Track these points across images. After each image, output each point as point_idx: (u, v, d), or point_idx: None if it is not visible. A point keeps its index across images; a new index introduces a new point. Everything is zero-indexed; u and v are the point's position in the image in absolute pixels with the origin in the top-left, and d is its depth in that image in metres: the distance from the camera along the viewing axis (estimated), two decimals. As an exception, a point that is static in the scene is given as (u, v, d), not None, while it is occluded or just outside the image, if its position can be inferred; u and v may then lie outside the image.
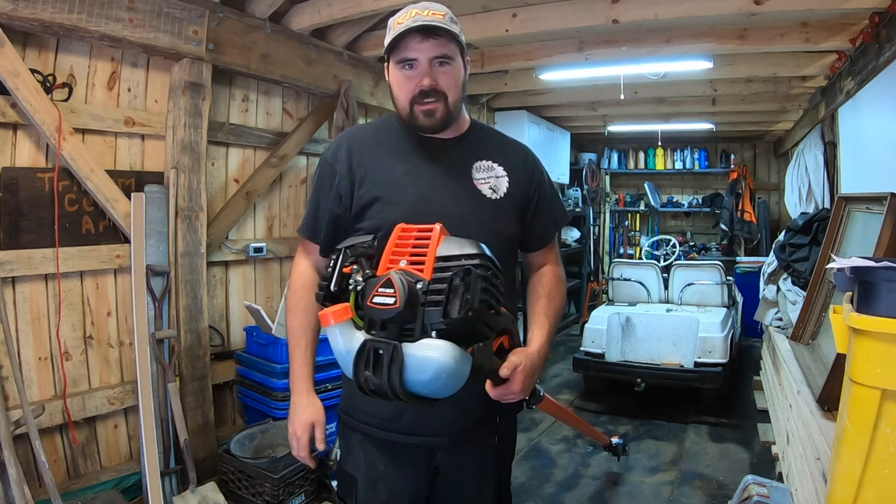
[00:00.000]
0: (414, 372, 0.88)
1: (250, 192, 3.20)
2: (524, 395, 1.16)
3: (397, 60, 1.22)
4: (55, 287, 2.40)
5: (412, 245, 0.98)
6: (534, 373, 1.15)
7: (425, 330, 0.89)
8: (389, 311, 0.88)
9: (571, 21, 3.07)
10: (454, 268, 0.91)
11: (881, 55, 2.61)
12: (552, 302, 1.33)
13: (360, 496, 1.30)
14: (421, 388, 0.90)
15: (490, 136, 1.41)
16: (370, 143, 1.32)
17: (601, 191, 7.84)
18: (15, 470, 2.01)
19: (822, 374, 2.08)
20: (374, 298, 0.90)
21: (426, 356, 0.88)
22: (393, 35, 1.19)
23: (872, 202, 2.37)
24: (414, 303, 0.89)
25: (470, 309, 0.87)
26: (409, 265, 0.95)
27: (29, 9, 2.13)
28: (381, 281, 0.91)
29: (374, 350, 0.90)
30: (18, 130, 2.31)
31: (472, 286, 0.88)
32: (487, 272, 0.92)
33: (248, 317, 3.17)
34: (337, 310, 0.95)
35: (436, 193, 1.26)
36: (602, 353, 4.18)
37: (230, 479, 2.60)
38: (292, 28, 3.19)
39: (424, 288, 0.90)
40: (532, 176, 1.38)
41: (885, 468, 1.00)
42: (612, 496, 2.99)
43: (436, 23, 1.17)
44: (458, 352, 0.90)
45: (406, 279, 0.90)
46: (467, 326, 0.89)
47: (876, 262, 1.01)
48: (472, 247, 0.94)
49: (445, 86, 1.22)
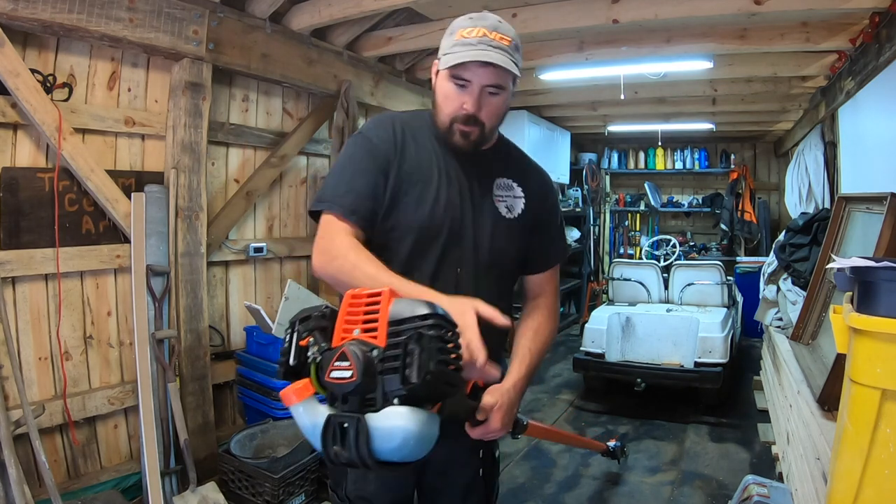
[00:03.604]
0: (381, 441, 0.88)
1: (250, 192, 3.20)
2: (505, 432, 1.18)
3: (451, 73, 1.22)
4: (55, 287, 2.40)
5: (363, 312, 0.96)
6: (511, 408, 1.16)
7: (387, 398, 0.89)
8: (348, 384, 0.88)
9: (571, 21, 3.07)
10: (407, 331, 0.90)
11: (881, 55, 2.61)
12: (538, 337, 1.33)
13: (350, 486, 1.33)
14: (391, 456, 0.90)
15: (515, 154, 1.44)
16: (412, 131, 1.32)
17: (601, 191, 7.83)
18: (15, 470, 2.01)
19: (822, 374, 2.08)
20: (331, 373, 0.90)
21: (391, 425, 0.88)
22: (456, 59, 1.18)
23: (872, 202, 2.37)
24: (371, 372, 0.89)
25: (427, 373, 0.87)
26: (363, 333, 0.94)
27: (29, 9, 2.13)
28: (336, 354, 0.91)
29: (338, 424, 0.90)
30: (18, 130, 2.31)
31: (427, 349, 0.88)
32: (441, 331, 0.92)
33: (248, 317, 3.17)
34: (298, 387, 0.94)
35: (462, 201, 1.29)
36: (602, 353, 4.18)
37: (230, 479, 2.60)
38: (292, 28, 3.19)
39: (380, 356, 0.90)
40: (546, 201, 1.42)
41: (886, 468, 1.01)
42: (612, 496, 2.99)
43: (499, 59, 1.17)
44: (423, 415, 0.90)
45: (361, 349, 0.89)
46: (428, 390, 0.89)
47: (876, 262, 1.01)
48: (423, 307, 0.93)
49: (487, 116, 1.24)
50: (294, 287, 2.99)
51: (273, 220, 3.47)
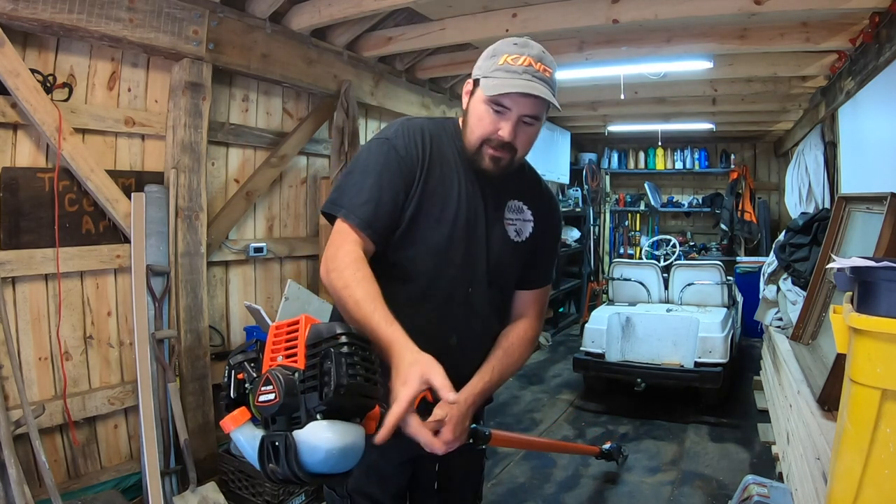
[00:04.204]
0: (308, 455, 0.93)
1: (250, 192, 3.20)
2: (460, 443, 1.19)
3: (490, 98, 1.21)
4: (55, 287, 2.40)
5: (285, 340, 1.03)
6: (462, 420, 1.17)
7: (310, 414, 0.94)
8: (272, 406, 0.94)
9: (571, 21, 3.07)
10: (322, 351, 0.96)
11: (881, 55, 2.61)
12: (507, 358, 1.33)
13: (351, 484, 1.35)
14: (321, 468, 0.94)
15: (528, 176, 1.45)
16: (437, 146, 1.31)
17: (601, 191, 7.84)
18: (15, 470, 2.01)
19: (822, 374, 2.08)
20: (259, 398, 0.97)
21: (314, 439, 0.93)
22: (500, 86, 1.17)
23: (872, 202, 2.37)
24: (293, 392, 0.94)
25: (340, 386, 0.92)
26: (286, 359, 1.01)
27: (29, 9, 2.12)
28: (261, 381, 0.98)
29: (271, 444, 0.95)
30: (18, 130, 2.31)
31: (338, 365, 0.94)
32: (353, 348, 0.97)
33: (248, 317, 3.17)
34: (234, 415, 1.01)
35: (477, 222, 1.31)
36: (602, 353, 4.18)
37: (230, 479, 2.60)
38: (292, 28, 3.19)
39: (301, 377, 0.96)
40: (550, 224, 1.44)
41: (886, 468, 1.01)
42: (612, 496, 2.99)
43: (544, 92, 1.18)
44: (344, 427, 0.95)
45: (283, 373, 0.96)
46: (345, 402, 0.94)
47: (876, 262, 1.01)
48: (337, 327, 0.99)
49: (521, 144, 1.26)
50: (294, 287, 3.00)
51: (273, 220, 3.47)
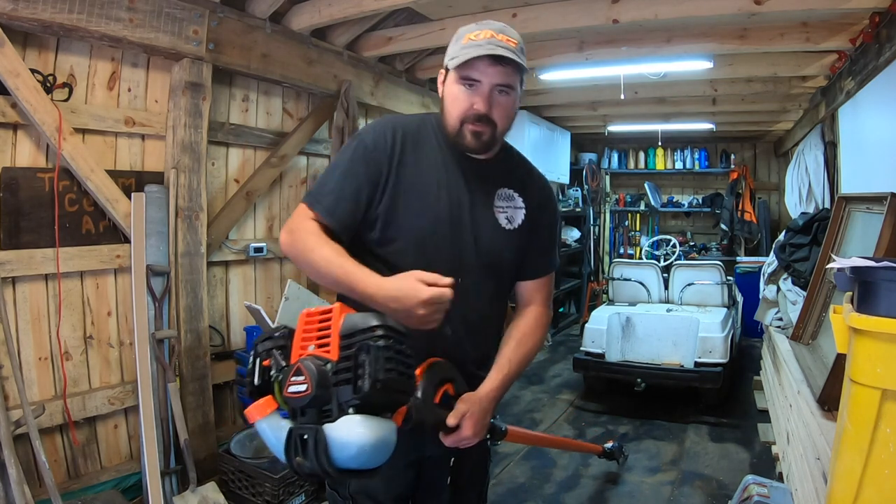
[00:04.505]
0: (339, 450, 0.91)
1: (250, 192, 3.20)
2: (478, 439, 1.19)
3: (461, 76, 1.22)
4: (55, 287, 2.40)
5: (317, 329, 1.01)
6: (483, 416, 1.18)
7: (342, 408, 0.92)
8: (303, 398, 0.92)
9: (571, 21, 3.07)
10: (357, 343, 0.94)
11: (881, 55, 2.61)
12: (521, 347, 1.33)
13: (353, 484, 1.34)
14: (350, 464, 0.93)
15: (518, 163, 1.43)
16: (412, 140, 1.31)
17: (601, 191, 7.83)
18: (15, 470, 2.01)
19: (822, 374, 2.08)
20: (288, 388, 0.94)
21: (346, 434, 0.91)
22: (464, 52, 1.19)
23: (872, 202, 2.37)
24: (325, 385, 0.92)
25: (376, 381, 0.90)
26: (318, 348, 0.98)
27: (29, 9, 2.13)
28: (292, 370, 0.95)
29: (299, 437, 0.94)
30: (19, 130, 2.31)
31: (375, 359, 0.91)
32: (390, 341, 0.94)
33: (248, 317, 3.17)
34: (260, 404, 0.99)
35: (460, 213, 1.29)
36: (602, 353, 4.18)
37: (230, 479, 2.60)
38: (292, 28, 3.19)
39: (333, 368, 0.93)
40: (545, 210, 1.41)
41: (886, 468, 1.01)
42: (612, 496, 2.99)
43: (509, 54, 1.18)
44: (377, 423, 0.93)
45: (315, 364, 0.93)
46: (379, 397, 0.92)
47: (876, 262, 1.01)
48: (372, 318, 0.96)
49: (498, 116, 1.24)
50: (294, 287, 2.99)
51: (273, 220, 3.47)
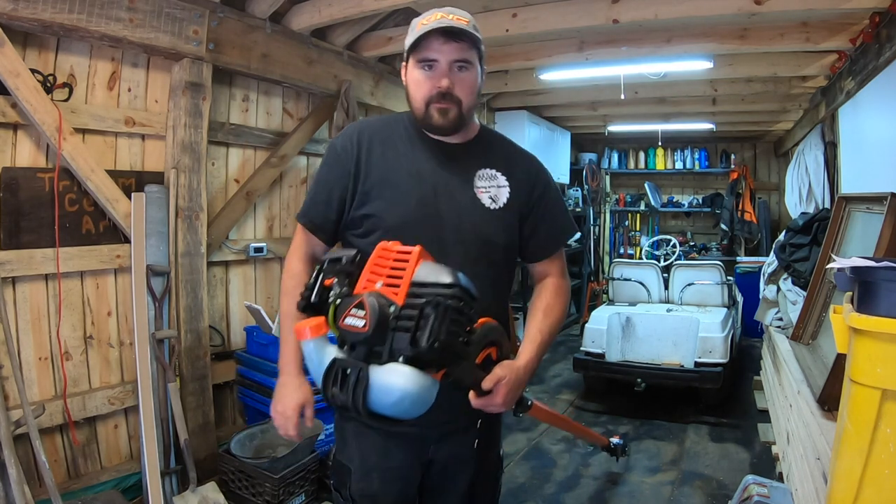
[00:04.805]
0: (378, 394, 0.90)
1: (250, 192, 3.20)
2: (507, 408, 1.18)
3: (418, 59, 1.24)
4: (55, 287, 2.40)
5: (390, 266, 0.98)
6: (518, 386, 1.17)
7: (393, 354, 0.91)
8: (358, 333, 0.90)
9: (571, 21, 3.07)
10: (428, 295, 0.92)
11: (881, 55, 2.61)
12: (548, 318, 1.34)
13: (354, 486, 1.34)
14: (384, 410, 0.92)
15: (497, 143, 1.42)
16: (379, 138, 1.33)
17: (601, 191, 7.83)
18: (15, 470, 2.01)
19: (822, 374, 2.08)
20: (345, 319, 0.92)
21: (391, 381, 0.89)
22: (416, 34, 1.21)
23: (872, 202, 2.37)
24: (383, 327, 0.90)
25: (436, 340, 0.88)
26: (385, 287, 0.96)
27: (29, 9, 2.13)
28: (354, 302, 0.93)
29: (342, 369, 0.92)
30: (19, 130, 2.31)
31: (442, 317, 0.89)
32: (460, 303, 0.93)
33: (248, 317, 3.17)
34: (313, 325, 0.97)
35: (437, 199, 1.27)
36: (602, 353, 4.18)
37: (230, 479, 2.60)
38: (292, 28, 3.19)
39: (396, 313, 0.92)
40: (535, 186, 1.38)
41: (886, 468, 1.01)
42: (612, 496, 2.99)
43: (460, 26, 1.20)
44: (424, 379, 0.91)
45: (379, 302, 0.91)
46: (433, 356, 0.90)
47: (876, 262, 1.01)
48: (448, 275, 0.95)
49: (461, 91, 1.25)
50: (294, 287, 2.99)
51: (273, 220, 3.47)
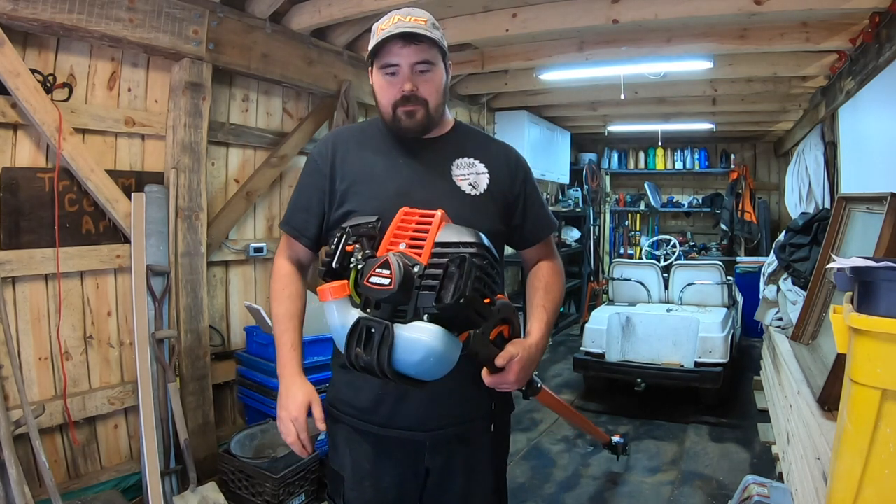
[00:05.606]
0: (403, 352, 0.90)
1: (250, 192, 3.20)
2: (518, 386, 1.17)
3: (380, 66, 1.24)
4: (55, 287, 2.40)
5: (413, 229, 1.00)
6: (530, 364, 1.16)
7: (417, 313, 0.92)
8: (384, 291, 0.91)
9: (571, 21, 3.07)
10: (451, 254, 0.93)
11: (881, 55, 2.61)
12: (549, 294, 1.34)
13: (347, 494, 1.31)
14: (408, 369, 0.92)
15: (473, 135, 1.43)
16: (354, 141, 1.35)
17: (601, 191, 7.84)
18: (15, 470, 2.01)
19: (822, 374, 2.08)
20: (370, 278, 0.93)
21: (416, 338, 0.90)
22: (375, 41, 1.21)
23: (872, 202, 2.37)
24: (409, 286, 0.91)
25: (461, 296, 0.88)
26: (408, 248, 0.97)
27: (29, 9, 2.13)
28: (378, 262, 0.94)
29: (366, 328, 0.92)
30: (19, 130, 2.31)
31: (466, 274, 0.90)
32: (483, 261, 0.93)
33: (248, 317, 3.17)
34: (335, 286, 0.98)
35: (414, 189, 1.27)
36: (602, 353, 4.18)
37: (230, 479, 2.60)
38: (292, 28, 3.19)
39: (420, 272, 0.93)
40: (516, 174, 1.38)
41: (886, 468, 1.00)
42: (612, 496, 2.99)
43: (417, 29, 1.19)
44: (448, 337, 0.92)
45: (403, 262, 0.92)
46: (458, 313, 0.90)
47: (876, 262, 1.01)
48: (470, 235, 0.96)
49: (426, 92, 1.24)
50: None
51: (273, 220, 3.47)
